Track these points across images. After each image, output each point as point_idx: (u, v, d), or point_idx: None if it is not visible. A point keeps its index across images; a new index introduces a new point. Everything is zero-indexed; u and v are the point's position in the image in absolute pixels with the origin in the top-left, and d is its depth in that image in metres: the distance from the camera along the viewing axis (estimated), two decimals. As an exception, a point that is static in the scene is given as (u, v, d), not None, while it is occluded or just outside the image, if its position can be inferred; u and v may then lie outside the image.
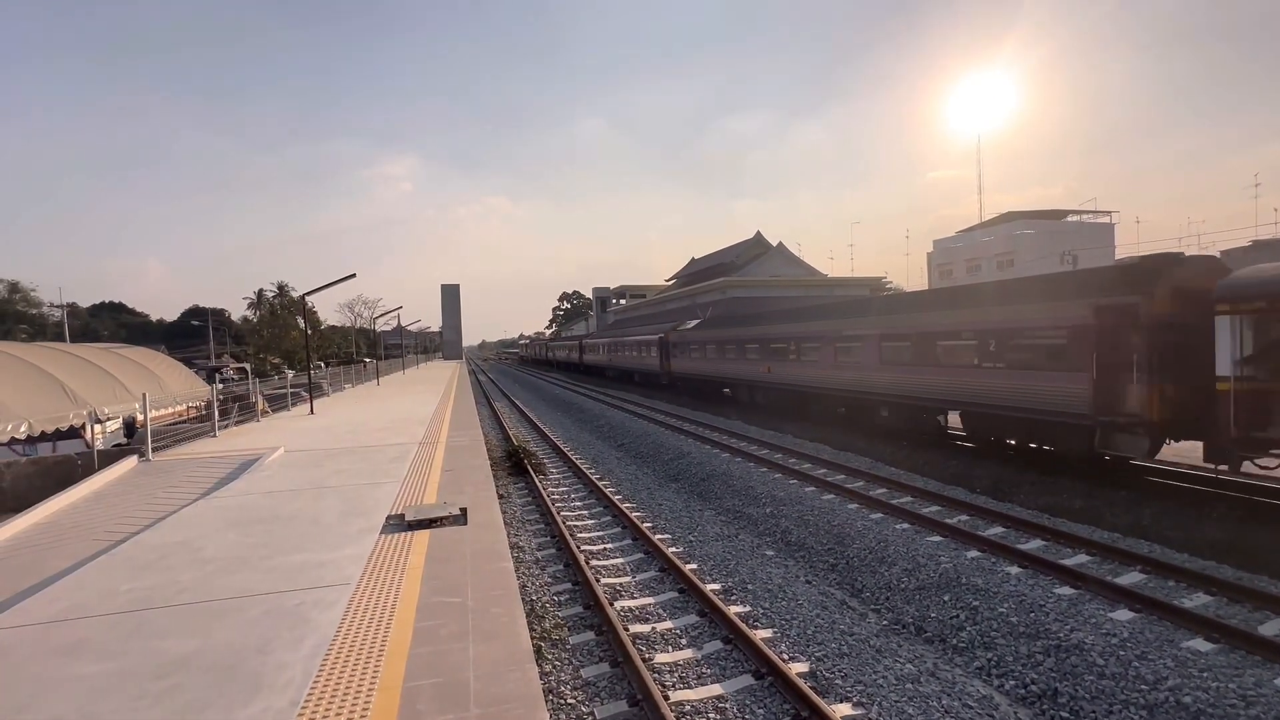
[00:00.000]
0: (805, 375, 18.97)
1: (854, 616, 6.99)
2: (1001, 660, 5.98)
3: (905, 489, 11.28)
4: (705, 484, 13.14)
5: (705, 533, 10.10)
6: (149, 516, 7.25)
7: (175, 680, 3.58)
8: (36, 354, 12.93)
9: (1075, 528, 8.91)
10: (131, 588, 5.00)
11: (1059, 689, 5.47)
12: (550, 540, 9.67)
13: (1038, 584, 7.16)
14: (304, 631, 4.15)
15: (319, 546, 5.90)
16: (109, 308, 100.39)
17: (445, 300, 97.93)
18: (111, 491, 8.87)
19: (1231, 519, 8.96)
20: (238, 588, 4.94)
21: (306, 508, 7.31)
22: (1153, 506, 9.74)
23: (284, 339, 58.71)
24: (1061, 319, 10.97)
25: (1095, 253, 52.00)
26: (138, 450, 11.10)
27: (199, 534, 6.39)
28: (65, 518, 7.62)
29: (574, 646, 6.29)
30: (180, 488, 8.76)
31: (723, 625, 6.51)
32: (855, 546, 8.85)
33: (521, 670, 3.71)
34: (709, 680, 5.63)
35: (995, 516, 9.52)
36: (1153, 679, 5.32)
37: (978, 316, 12.75)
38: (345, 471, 9.35)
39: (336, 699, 3.42)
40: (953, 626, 6.65)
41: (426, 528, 6.44)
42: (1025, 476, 11.76)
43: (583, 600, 7.36)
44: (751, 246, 59.01)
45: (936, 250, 70.76)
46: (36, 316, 65.86)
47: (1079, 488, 10.86)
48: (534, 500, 12.09)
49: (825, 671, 5.73)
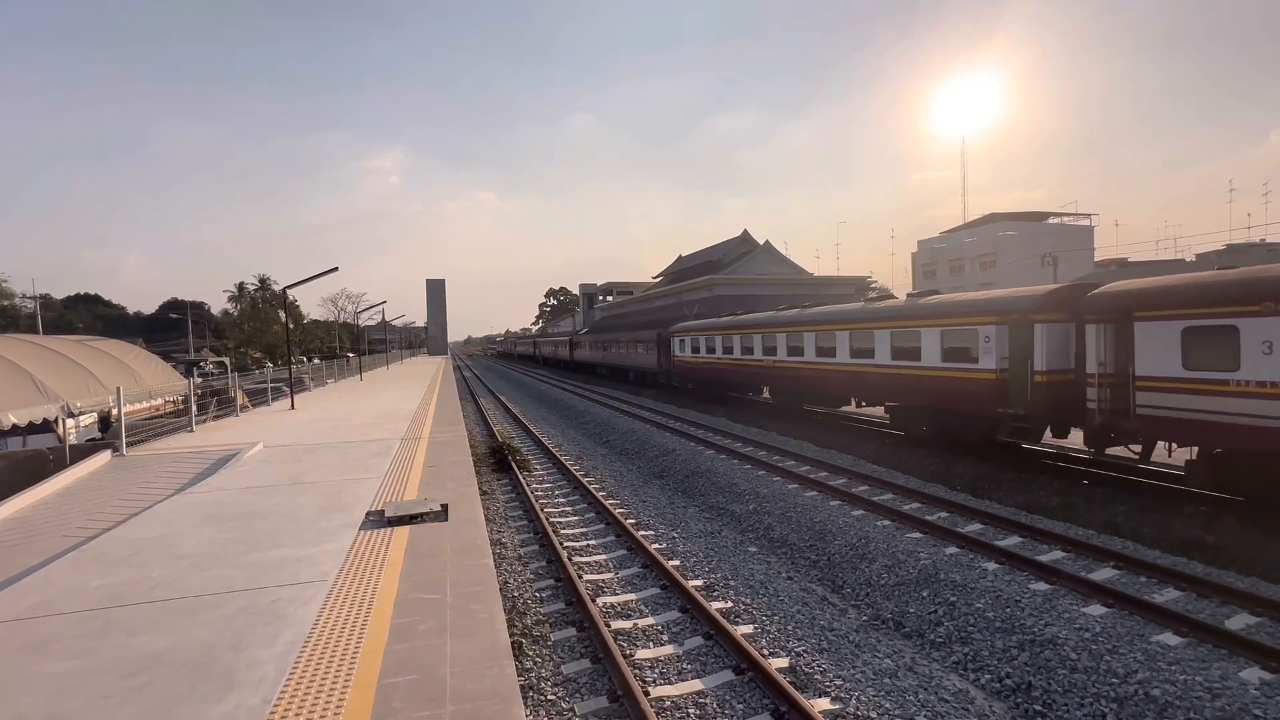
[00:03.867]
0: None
1: (834, 612, 7.05)
2: (978, 655, 6.07)
3: (886, 486, 11.40)
4: (689, 481, 13.17)
5: (689, 529, 10.13)
6: (122, 512, 7.10)
7: (145, 678, 3.52)
8: (6, 346, 12.61)
9: (1051, 524, 9.07)
10: (102, 584, 4.90)
11: (1033, 683, 5.57)
12: (534, 536, 9.64)
13: (1014, 580, 7.27)
14: (279, 628, 4.10)
15: (296, 542, 5.82)
16: (85, 299, 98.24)
17: (430, 295, 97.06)
18: (84, 487, 8.68)
19: (1201, 517, 9.17)
20: (212, 584, 4.86)
21: (285, 503, 7.21)
22: (1126, 504, 9.95)
23: (265, 333, 57.88)
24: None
25: (1075, 255, 52.88)
26: (112, 445, 10.87)
27: (173, 530, 6.28)
28: (35, 513, 7.44)
29: (555, 643, 6.28)
30: (155, 483, 8.60)
31: (704, 621, 6.53)
32: (836, 543, 8.92)
33: (499, 666, 3.69)
34: (689, 676, 5.65)
35: (974, 513, 9.65)
36: (1123, 672, 5.43)
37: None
38: (325, 467, 9.24)
39: (310, 696, 3.38)
40: (931, 622, 6.74)
41: (407, 524, 6.38)
42: (1004, 474, 11.94)
43: (565, 596, 7.35)
44: (738, 245, 59.15)
45: (921, 251, 71.59)
46: (8, 308, 64.35)
47: (1056, 485, 11.05)
48: (518, 496, 12.04)
49: (805, 666, 5.77)
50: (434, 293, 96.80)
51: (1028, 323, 11.74)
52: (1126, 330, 10.19)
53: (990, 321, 12.56)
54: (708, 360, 26.31)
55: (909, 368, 14.66)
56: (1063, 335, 11.53)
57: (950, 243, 67.70)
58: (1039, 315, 11.61)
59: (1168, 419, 9.64)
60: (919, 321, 14.48)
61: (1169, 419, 9.62)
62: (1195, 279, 9.93)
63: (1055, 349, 11.52)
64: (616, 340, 41.34)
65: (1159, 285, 10.08)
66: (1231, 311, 8.84)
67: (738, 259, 57.24)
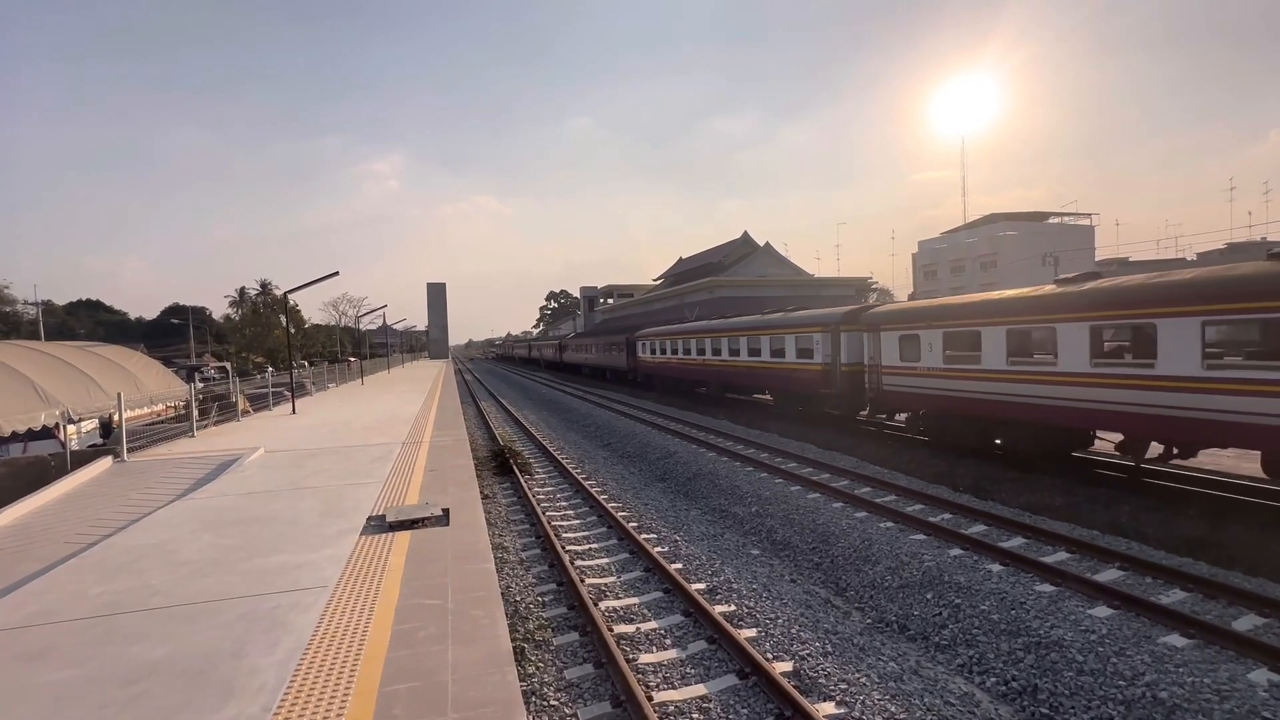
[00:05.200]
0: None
1: (838, 615, 7.01)
2: (983, 657, 6.03)
3: (889, 488, 11.35)
4: (691, 483, 13.13)
5: (691, 532, 10.09)
6: (122, 518, 7.09)
7: (144, 686, 3.49)
8: (7, 352, 12.61)
9: (1056, 525, 9.02)
10: (102, 591, 4.88)
11: (1039, 685, 5.52)
12: (535, 540, 9.60)
13: (1019, 581, 7.22)
14: (279, 635, 4.07)
15: (297, 548, 5.80)
16: (86, 305, 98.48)
17: (431, 299, 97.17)
18: (85, 493, 8.67)
19: (1206, 516, 9.12)
20: (212, 591, 4.84)
21: (285, 509, 7.19)
22: (1131, 504, 9.89)
23: (266, 337, 57.92)
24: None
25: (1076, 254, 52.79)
26: (113, 451, 10.87)
27: (173, 536, 6.26)
28: (36, 520, 7.43)
29: (558, 647, 6.24)
30: (156, 489, 8.59)
31: (707, 625, 6.49)
32: (839, 545, 8.88)
33: (501, 673, 3.66)
34: (693, 680, 5.61)
35: (977, 515, 9.61)
36: (1130, 675, 5.38)
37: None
38: (326, 472, 9.22)
39: (310, 704, 3.35)
40: (935, 624, 6.69)
41: (408, 529, 6.36)
42: (1007, 475, 11.89)
43: (567, 601, 7.31)
44: (739, 246, 59.18)
45: (921, 251, 71.53)
46: (10, 314, 64.41)
47: (1059, 485, 11.00)
48: (519, 500, 12.01)
49: (809, 670, 5.73)
50: (435, 296, 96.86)
51: (837, 331, 17.17)
52: (877, 337, 15.61)
53: (819, 330, 17.98)
54: (662, 360, 31.07)
55: (780, 363, 20.05)
56: (857, 340, 16.74)
57: (950, 243, 67.64)
58: (843, 327, 17.11)
59: (895, 393, 15.09)
60: (784, 330, 19.76)
61: (895, 392, 15.08)
62: (905, 307, 16.29)
63: (852, 349, 16.89)
64: (597, 344, 46.21)
65: (889, 309, 16.36)
66: (920, 325, 14.29)
67: (738, 261, 57.27)
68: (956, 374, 13.19)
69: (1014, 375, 11.88)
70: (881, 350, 15.24)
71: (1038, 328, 11.73)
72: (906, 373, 14.47)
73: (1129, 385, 9.97)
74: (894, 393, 14.99)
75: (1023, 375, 11.73)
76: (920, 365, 13.99)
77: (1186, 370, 9.12)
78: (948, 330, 13.53)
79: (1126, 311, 10.11)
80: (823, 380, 17.73)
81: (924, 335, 14.02)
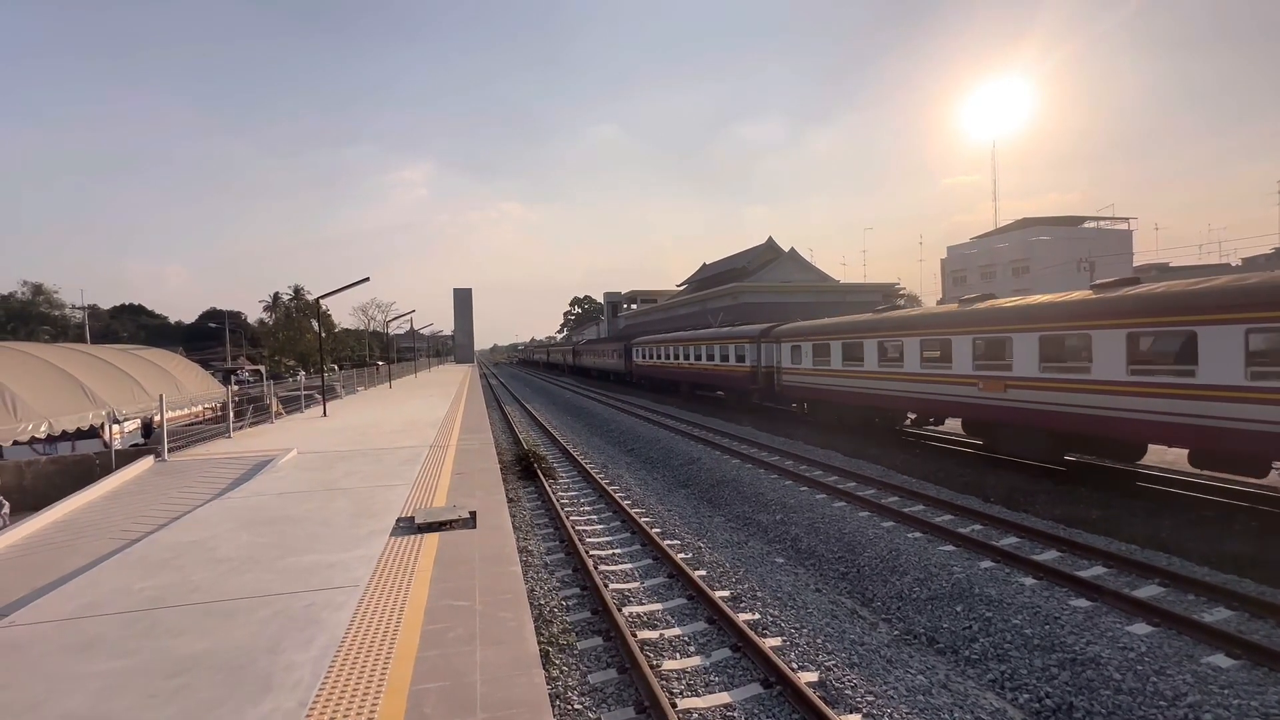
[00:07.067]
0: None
1: (864, 626, 6.91)
2: (1015, 673, 5.89)
3: (917, 497, 11.16)
4: (715, 490, 13.08)
5: (715, 539, 10.05)
6: (164, 516, 7.34)
7: (186, 679, 3.61)
8: (57, 354, 13.16)
9: (1092, 539, 8.76)
10: (145, 586, 5.06)
11: (1074, 703, 5.37)
12: (559, 545, 9.67)
13: (1053, 596, 7.04)
14: (314, 632, 4.17)
15: (330, 548, 5.93)
16: (129, 310, 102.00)
17: (457, 304, 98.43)
18: (128, 491, 8.99)
19: (1254, 532, 8.77)
20: (249, 588, 4.98)
21: (318, 509, 7.36)
22: (1172, 518, 9.56)
23: (299, 341, 59.26)
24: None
25: (1113, 260, 51.27)
26: (154, 450, 11.25)
27: (212, 534, 6.45)
28: (82, 516, 7.73)
29: (582, 652, 6.27)
30: (195, 488, 8.87)
31: (731, 633, 6.46)
32: (866, 555, 8.76)
33: (528, 675, 3.71)
34: (717, 688, 5.59)
35: (1009, 526, 9.39)
36: (1172, 695, 5.21)
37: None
38: (357, 473, 9.42)
39: (344, 700, 3.43)
40: (965, 638, 6.55)
41: (436, 530, 6.46)
42: (1040, 486, 11.60)
43: (591, 605, 7.34)
44: (763, 252, 58.88)
45: (951, 257, 70.17)
46: (59, 318, 67.13)
47: (1095, 498, 10.69)
48: (543, 504, 12.10)
49: (835, 681, 5.66)
50: (461, 301, 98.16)
51: (758, 342, 23.27)
52: (780, 346, 21.53)
53: (747, 341, 24.05)
54: (651, 363, 36.91)
55: (725, 365, 26.28)
56: (774, 349, 22.14)
57: (981, 248, 66.26)
58: (762, 339, 23.06)
59: (790, 387, 21.04)
60: (728, 341, 25.93)
61: (790, 387, 21.03)
62: (795, 326, 21.62)
63: (768, 355, 22.66)
64: (603, 350, 52.40)
65: (787, 327, 21.77)
66: (800, 339, 20.14)
67: (762, 266, 56.96)
68: (822, 373, 18.99)
69: (848, 373, 17.68)
70: (780, 356, 21.52)
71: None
72: (793, 372, 20.68)
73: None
74: (788, 387, 21.27)
75: (853, 373, 17.39)
76: (802, 366, 20.06)
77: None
78: (815, 343, 19.27)
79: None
80: (750, 379, 23.83)
81: (803, 346, 19.90)
